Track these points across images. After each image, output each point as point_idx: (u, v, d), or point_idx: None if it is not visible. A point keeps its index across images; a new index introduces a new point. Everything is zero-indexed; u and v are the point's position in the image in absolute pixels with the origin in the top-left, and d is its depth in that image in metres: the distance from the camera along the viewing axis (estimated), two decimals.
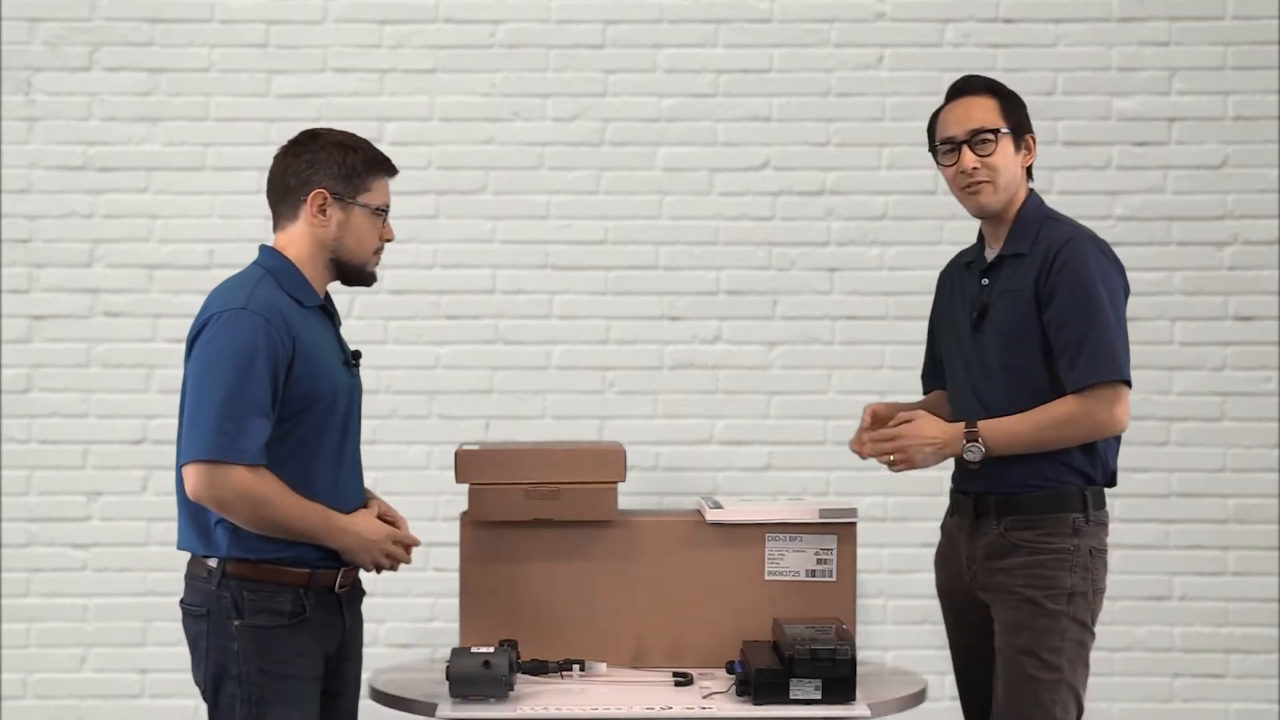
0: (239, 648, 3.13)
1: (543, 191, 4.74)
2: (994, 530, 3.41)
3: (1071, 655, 3.35)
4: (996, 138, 3.43)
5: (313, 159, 3.24)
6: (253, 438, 3.08)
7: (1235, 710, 4.71)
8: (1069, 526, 3.36)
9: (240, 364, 3.08)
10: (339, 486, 3.26)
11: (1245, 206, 4.71)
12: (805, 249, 4.73)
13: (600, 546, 3.65)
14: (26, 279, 4.71)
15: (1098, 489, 3.42)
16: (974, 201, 3.46)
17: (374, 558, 3.25)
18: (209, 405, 3.08)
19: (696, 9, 4.73)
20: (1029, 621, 3.35)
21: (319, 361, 3.20)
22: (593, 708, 3.31)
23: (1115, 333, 3.36)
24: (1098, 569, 3.39)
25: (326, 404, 3.22)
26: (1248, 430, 4.72)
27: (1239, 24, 4.70)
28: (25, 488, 4.71)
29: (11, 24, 4.70)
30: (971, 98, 3.48)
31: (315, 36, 4.72)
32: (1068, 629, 3.34)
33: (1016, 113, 3.48)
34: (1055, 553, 3.35)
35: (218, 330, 3.11)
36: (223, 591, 3.14)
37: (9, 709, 4.68)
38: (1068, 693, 3.35)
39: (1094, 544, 3.38)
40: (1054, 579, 3.35)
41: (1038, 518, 3.37)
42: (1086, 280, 3.35)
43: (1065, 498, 3.37)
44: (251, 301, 3.13)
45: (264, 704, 3.14)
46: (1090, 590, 3.37)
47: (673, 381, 4.73)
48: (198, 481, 3.09)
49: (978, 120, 3.44)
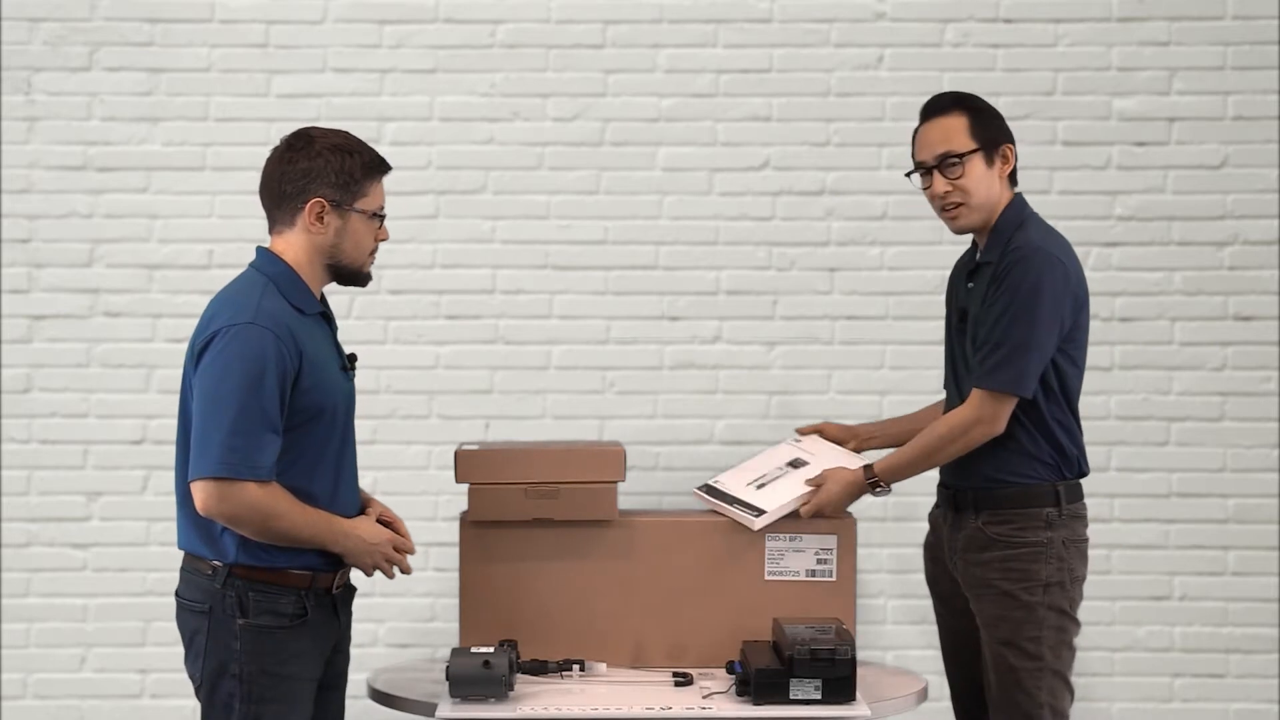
0: (241, 646, 3.13)
1: (543, 191, 4.73)
2: (972, 524, 3.52)
3: (1052, 642, 3.46)
4: (963, 160, 3.48)
5: (309, 167, 3.20)
6: (265, 453, 3.09)
7: (1235, 710, 4.71)
8: (1042, 520, 3.47)
9: (250, 379, 3.08)
10: (339, 493, 3.26)
11: (1245, 206, 4.71)
12: (805, 249, 4.73)
13: (600, 546, 3.65)
14: (26, 279, 4.71)
15: (1070, 483, 3.51)
16: (952, 223, 3.56)
17: (375, 561, 3.26)
18: (220, 421, 3.07)
19: (696, 9, 4.73)
20: (1007, 614, 3.47)
21: (323, 372, 3.21)
22: (593, 708, 3.32)
23: (1030, 347, 3.40)
24: (1073, 559, 3.49)
25: (329, 415, 3.22)
26: (1248, 430, 4.72)
27: (1239, 24, 4.70)
28: (25, 488, 4.71)
29: (11, 24, 4.70)
30: (939, 119, 3.54)
31: (315, 36, 4.72)
32: (1045, 617, 3.45)
33: (988, 127, 3.51)
34: (1029, 546, 3.46)
35: (226, 344, 3.10)
36: (228, 590, 3.14)
37: (9, 709, 4.68)
38: (1052, 678, 3.47)
39: (1068, 535, 3.48)
40: (1029, 571, 3.46)
41: (1012, 512, 3.48)
42: (1022, 292, 3.40)
43: (1038, 493, 3.48)
44: (259, 315, 3.12)
45: (263, 703, 3.15)
46: (1066, 579, 3.48)
47: (673, 381, 4.73)
48: (208, 498, 3.08)
49: (944, 144, 3.50)
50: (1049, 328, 3.40)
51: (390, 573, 3.30)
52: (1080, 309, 3.47)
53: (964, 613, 3.60)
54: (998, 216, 3.51)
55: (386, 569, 3.28)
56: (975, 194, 3.49)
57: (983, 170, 3.49)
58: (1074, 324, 3.46)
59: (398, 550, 3.29)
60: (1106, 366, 4.70)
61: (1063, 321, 3.42)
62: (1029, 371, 3.41)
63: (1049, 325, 3.40)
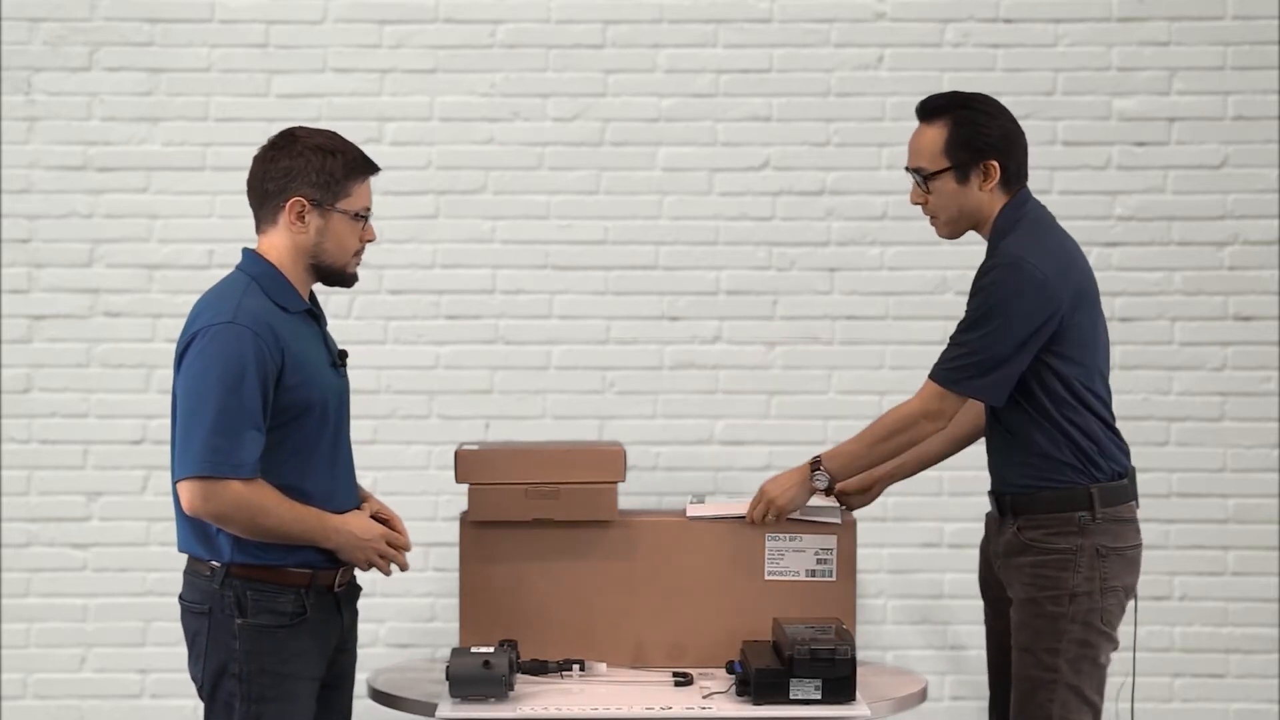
0: (241, 646, 3.14)
1: (543, 191, 4.73)
2: (1011, 529, 3.46)
3: (1072, 656, 3.37)
4: (931, 179, 3.46)
5: (290, 165, 3.20)
6: (247, 451, 3.09)
7: (1235, 710, 4.71)
8: (1074, 525, 3.38)
9: (230, 379, 3.08)
10: (334, 489, 3.26)
11: (1245, 206, 4.71)
12: (805, 249, 4.73)
13: (600, 546, 3.65)
14: (26, 279, 4.71)
15: (1107, 486, 3.41)
16: (933, 229, 3.57)
17: (367, 556, 3.26)
18: (200, 421, 3.09)
19: (696, 9, 4.73)
20: (1029, 621, 3.40)
21: (309, 369, 3.20)
22: (593, 708, 3.32)
23: (981, 352, 3.37)
24: (1110, 567, 3.39)
25: (319, 410, 3.22)
26: (1248, 430, 4.72)
27: (1239, 24, 4.70)
28: (25, 488, 4.71)
29: (11, 24, 4.70)
30: (923, 126, 3.51)
31: (315, 36, 4.72)
32: (1067, 630, 3.36)
33: (969, 142, 3.44)
34: (1059, 553, 3.38)
35: (205, 345, 3.11)
36: (226, 590, 3.14)
37: (9, 709, 4.68)
38: (1066, 692, 3.37)
39: (1104, 542, 3.38)
40: (1056, 580, 3.38)
41: (1045, 517, 3.41)
42: (985, 300, 3.38)
43: (1071, 497, 3.40)
44: (239, 314, 3.13)
45: (263, 703, 3.15)
46: (1097, 589, 3.38)
47: (672, 381, 4.73)
48: (193, 497, 3.10)
49: (916, 158, 3.50)
50: (1012, 339, 3.34)
51: (386, 569, 3.29)
52: (1077, 308, 3.40)
53: (1007, 616, 3.52)
54: (991, 225, 3.47)
55: (381, 565, 3.28)
56: (945, 210, 3.47)
57: (953, 188, 3.45)
58: (1068, 324, 3.37)
59: (393, 546, 3.28)
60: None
61: (1038, 329, 3.34)
62: (995, 381, 3.37)
63: (1012, 336, 3.34)
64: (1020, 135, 3.49)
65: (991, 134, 3.45)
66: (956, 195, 3.45)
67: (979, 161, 3.43)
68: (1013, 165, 3.46)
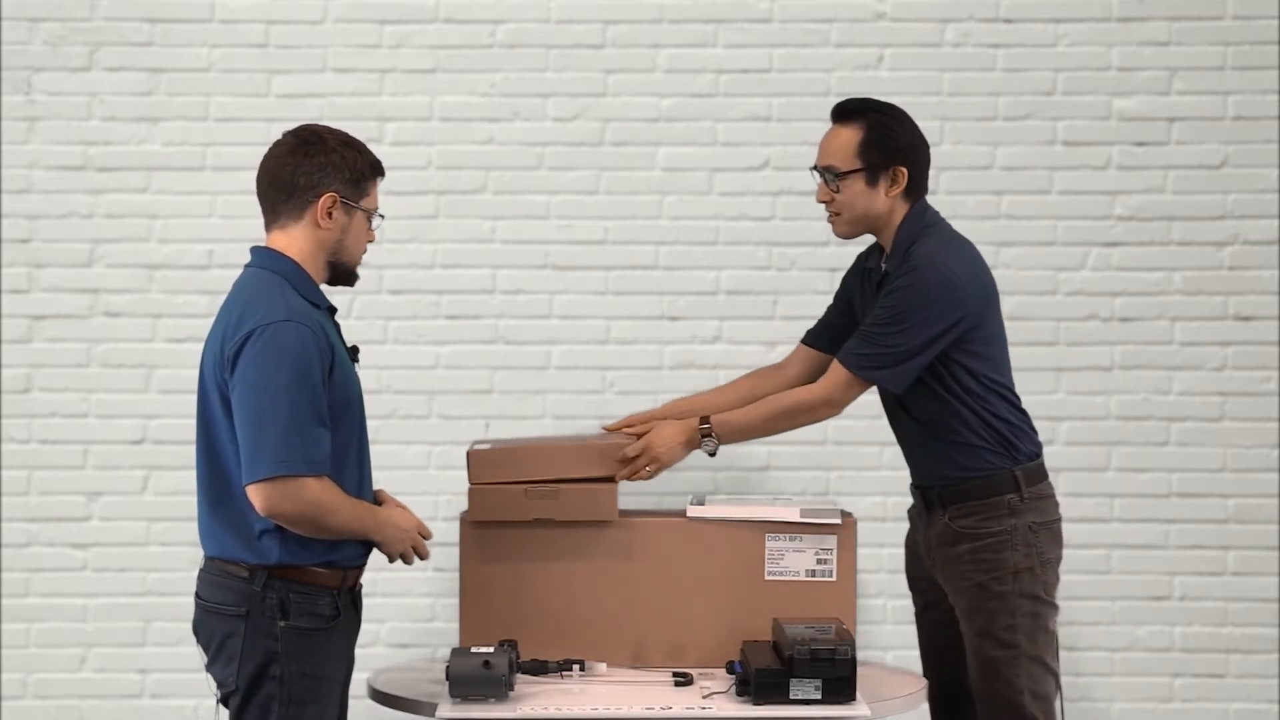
0: (283, 649, 3.14)
1: (543, 191, 4.73)
2: (942, 520, 3.62)
3: (1028, 629, 3.54)
4: (842, 177, 3.60)
5: (325, 161, 3.22)
6: (319, 447, 3.11)
7: (1235, 710, 4.71)
8: (1005, 508, 3.56)
9: (298, 376, 3.09)
10: (362, 484, 3.31)
11: (1245, 206, 4.71)
12: (805, 249, 4.73)
13: (600, 546, 3.65)
14: (26, 279, 4.71)
15: (1027, 466, 3.59)
16: (832, 227, 3.71)
17: (404, 548, 3.31)
18: (273, 421, 3.07)
19: (696, 9, 4.73)
20: (981, 604, 3.56)
21: (346, 365, 3.26)
22: (593, 708, 3.32)
23: (895, 346, 3.51)
24: (1043, 542, 3.57)
25: (355, 407, 3.27)
26: (1248, 430, 4.72)
27: (1239, 24, 4.70)
28: (25, 488, 4.71)
29: (11, 24, 4.70)
30: (838, 126, 3.67)
31: (315, 36, 4.71)
32: (1018, 605, 3.53)
33: (882, 147, 3.60)
34: (994, 535, 3.55)
35: (265, 344, 3.09)
36: (268, 593, 3.14)
37: (9, 709, 4.68)
38: (1030, 663, 3.54)
39: (1034, 519, 3.57)
40: (997, 560, 3.54)
41: (976, 504, 3.58)
42: (903, 298, 3.52)
43: (998, 481, 3.57)
44: (293, 312, 3.14)
45: (302, 704, 3.16)
46: (1036, 564, 3.56)
47: (673, 381, 4.73)
48: (270, 498, 3.08)
49: (828, 156, 3.64)
50: (925, 335, 3.50)
51: (411, 558, 3.34)
52: (987, 306, 3.58)
53: (939, 607, 3.70)
54: (895, 229, 3.61)
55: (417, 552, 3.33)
56: (850, 209, 3.62)
57: (862, 189, 3.60)
58: (978, 323, 3.54)
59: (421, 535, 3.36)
60: (1106, 366, 4.70)
61: (949, 328, 3.50)
62: (902, 371, 3.52)
63: (925, 332, 3.50)
64: (926, 148, 3.67)
65: (902, 141, 3.62)
66: (863, 196, 3.61)
67: (889, 166, 3.60)
68: (918, 174, 3.63)
